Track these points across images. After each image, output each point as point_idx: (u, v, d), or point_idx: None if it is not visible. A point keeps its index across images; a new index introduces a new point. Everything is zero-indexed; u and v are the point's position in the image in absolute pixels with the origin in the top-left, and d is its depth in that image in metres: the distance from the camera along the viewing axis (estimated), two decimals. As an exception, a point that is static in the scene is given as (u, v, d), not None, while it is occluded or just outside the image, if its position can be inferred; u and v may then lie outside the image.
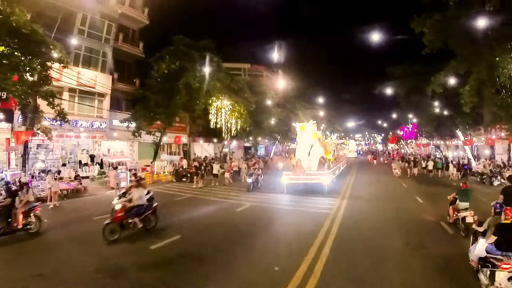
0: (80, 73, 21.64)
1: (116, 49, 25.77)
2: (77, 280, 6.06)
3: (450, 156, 34.45)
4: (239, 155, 41.44)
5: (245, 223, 10.44)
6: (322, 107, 49.82)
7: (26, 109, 15.69)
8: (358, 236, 8.72)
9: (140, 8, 27.81)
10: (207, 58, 23.63)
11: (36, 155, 20.76)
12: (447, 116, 27.83)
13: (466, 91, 16.81)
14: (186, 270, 6.54)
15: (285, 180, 16.40)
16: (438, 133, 36.12)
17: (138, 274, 6.40)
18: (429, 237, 8.43)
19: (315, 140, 18.37)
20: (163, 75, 23.02)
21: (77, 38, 22.23)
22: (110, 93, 24.68)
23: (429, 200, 13.89)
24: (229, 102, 26.96)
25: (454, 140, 35.45)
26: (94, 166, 23.59)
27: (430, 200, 13.88)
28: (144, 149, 26.94)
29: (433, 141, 42.02)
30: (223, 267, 6.55)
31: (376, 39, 17.08)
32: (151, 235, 8.93)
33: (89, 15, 22.90)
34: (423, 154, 42.95)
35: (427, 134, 40.31)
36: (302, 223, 10.27)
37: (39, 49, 14.23)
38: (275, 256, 7.21)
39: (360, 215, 11.33)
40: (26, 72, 14.09)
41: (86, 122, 23.13)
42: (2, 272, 6.41)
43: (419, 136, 47.50)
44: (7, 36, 12.81)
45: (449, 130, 31.38)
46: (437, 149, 41.77)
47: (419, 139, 50.34)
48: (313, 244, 7.84)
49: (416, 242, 7.97)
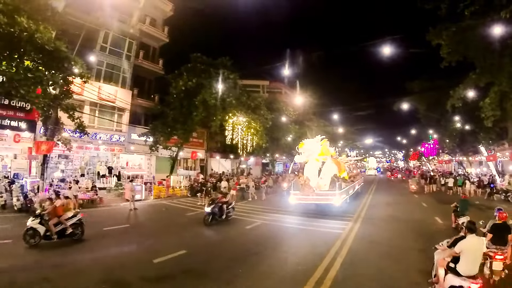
0: (101, 88, 22.53)
1: (137, 66, 26.75)
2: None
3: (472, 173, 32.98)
4: (256, 171, 41.41)
5: (253, 241, 10.17)
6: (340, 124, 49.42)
7: (48, 121, 16.36)
8: (368, 261, 8.00)
9: (160, 26, 28.88)
10: (223, 75, 24.10)
11: (57, 164, 21.57)
12: (469, 131, 26.88)
13: (486, 104, 16.19)
14: (186, 285, 6.44)
15: (292, 200, 15.32)
16: (460, 149, 34.90)
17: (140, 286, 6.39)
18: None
19: (327, 157, 17.04)
20: (180, 91, 23.62)
21: (99, 54, 23.36)
22: (129, 108, 25.47)
23: (449, 219, 13.13)
24: (245, 119, 27.13)
25: (477, 156, 34.03)
26: (112, 178, 24.13)
27: (449, 220, 13.11)
28: (161, 163, 27.36)
29: (456, 157, 40.49)
30: (226, 285, 6.38)
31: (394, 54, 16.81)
32: (156, 249, 8.94)
33: (111, 33, 23.98)
34: (445, 171, 41.37)
35: (449, 150, 38.97)
36: (310, 245, 9.72)
37: (62, 64, 14.92)
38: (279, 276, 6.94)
39: (373, 238, 10.49)
40: (49, 86, 14.81)
41: (105, 135, 23.84)
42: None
43: (441, 152, 45.95)
44: (33, 52, 13.56)
45: (472, 145, 30.26)
46: (460, 165, 40.13)
47: (441, 156, 48.65)
48: (319, 265, 7.48)
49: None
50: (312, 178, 15.87)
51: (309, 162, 16.62)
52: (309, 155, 16.42)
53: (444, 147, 39.78)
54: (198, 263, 7.83)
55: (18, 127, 17.91)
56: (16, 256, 8.05)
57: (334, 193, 14.82)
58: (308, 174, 16.22)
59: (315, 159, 16.35)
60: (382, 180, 45.53)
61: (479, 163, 36.41)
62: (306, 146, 16.61)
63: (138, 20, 26.25)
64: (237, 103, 25.62)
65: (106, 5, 21.46)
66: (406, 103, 31.84)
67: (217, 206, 12.75)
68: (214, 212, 12.48)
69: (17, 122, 17.83)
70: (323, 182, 15.94)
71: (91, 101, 22.44)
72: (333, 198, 14.60)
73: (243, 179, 25.71)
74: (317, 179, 16.01)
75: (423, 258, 7.74)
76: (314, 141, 17.02)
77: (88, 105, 22.85)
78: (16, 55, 13.42)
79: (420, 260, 7.68)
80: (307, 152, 16.40)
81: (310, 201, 15.27)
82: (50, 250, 8.73)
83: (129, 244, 9.71)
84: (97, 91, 21.56)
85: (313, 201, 15.33)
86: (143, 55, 27.39)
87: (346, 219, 13.55)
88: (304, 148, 16.59)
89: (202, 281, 6.61)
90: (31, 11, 13.33)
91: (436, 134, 39.01)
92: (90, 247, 9.12)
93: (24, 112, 17.89)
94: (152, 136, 24.00)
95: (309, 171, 16.38)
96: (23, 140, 18.31)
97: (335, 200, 14.51)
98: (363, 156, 70.75)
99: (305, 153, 16.48)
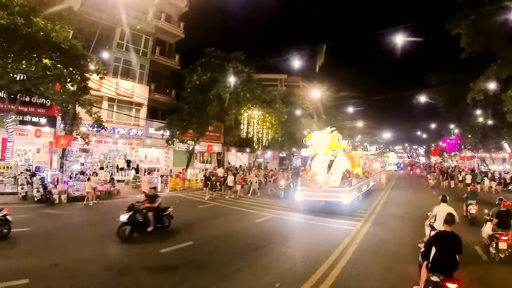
0: (118, 84, 23.17)
1: (153, 62, 27.31)
2: (87, 274, 6.55)
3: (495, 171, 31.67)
4: (274, 165, 41.42)
5: (259, 235, 10.16)
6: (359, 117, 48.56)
7: (66, 116, 17.06)
8: (375, 261, 7.68)
9: (176, 22, 29.25)
10: (237, 69, 24.21)
11: (77, 158, 22.48)
12: (491, 126, 25.81)
13: (509, 97, 15.50)
14: (186, 277, 6.60)
15: (299, 197, 14.43)
16: (483, 145, 33.57)
17: (141, 275, 6.64)
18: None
19: (338, 151, 16.06)
20: (195, 86, 23.95)
21: (117, 51, 24.02)
22: (147, 103, 26.09)
23: (466, 219, 12.35)
24: (260, 113, 27.16)
25: (500, 152, 32.66)
26: (130, 171, 24.89)
27: (467, 219, 12.31)
28: (178, 156, 27.93)
29: (478, 153, 38.98)
30: (225, 278, 6.48)
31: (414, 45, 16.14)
32: (166, 238, 9.26)
33: (127, 30, 24.56)
34: (467, 168, 39.93)
35: (471, 146, 37.57)
36: (317, 241, 9.55)
37: (79, 62, 15.49)
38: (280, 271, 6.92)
39: (383, 236, 10.08)
40: (67, 83, 15.43)
41: (123, 130, 24.57)
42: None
43: (463, 148, 44.34)
44: (50, 50, 14.15)
45: (495, 141, 29.07)
46: (483, 162, 38.62)
47: (463, 152, 46.95)
48: (324, 262, 7.37)
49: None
50: (319, 174, 14.82)
51: (317, 156, 15.34)
52: (316, 148, 15.10)
53: (466, 143, 38.43)
54: (202, 255, 7.97)
55: (39, 122, 18.88)
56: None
57: (344, 189, 13.81)
58: (316, 168, 15.03)
59: (323, 152, 15.16)
60: (401, 176, 44.52)
61: (502, 160, 34.97)
62: (314, 138, 15.32)
63: (154, 16, 26.72)
64: (251, 97, 25.66)
65: (122, 3, 21.93)
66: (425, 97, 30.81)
67: (140, 214, 9.55)
68: (134, 222, 9.29)
69: (38, 118, 18.80)
70: (333, 177, 15.07)
71: (110, 96, 23.15)
72: (342, 195, 13.55)
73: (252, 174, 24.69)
74: (325, 174, 15.07)
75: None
76: (322, 133, 15.73)
77: (107, 101, 23.60)
78: (35, 54, 14.07)
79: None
80: (315, 145, 15.12)
81: (317, 197, 14.24)
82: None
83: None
84: (115, 87, 22.21)
85: (320, 198, 14.28)
86: (159, 51, 27.91)
87: (357, 216, 13.03)
88: (311, 141, 15.26)
89: (203, 272, 6.78)
90: (47, 12, 13.90)
91: (457, 129, 37.60)
92: (101, 237, 9.50)
93: (45, 108, 18.75)
94: (168, 130, 24.54)
95: (317, 166, 15.17)
96: (44, 135, 19.22)
97: (344, 197, 13.45)
98: (379, 151, 68.69)
99: (312, 146, 15.19)
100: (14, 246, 8.24)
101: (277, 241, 9.49)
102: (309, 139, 15.42)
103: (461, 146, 43.81)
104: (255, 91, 26.17)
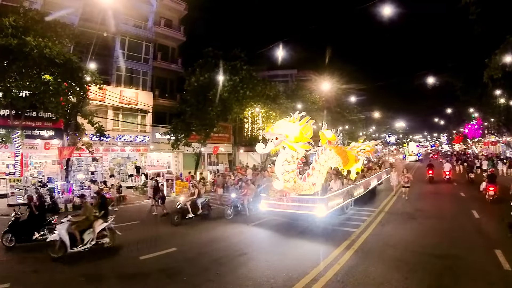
0: (122, 93, 23.68)
1: (156, 67, 27.69)
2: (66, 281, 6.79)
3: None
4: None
5: (247, 242, 9.69)
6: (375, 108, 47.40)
7: (69, 127, 17.63)
8: (373, 270, 6.89)
9: (177, 26, 29.49)
10: (236, 67, 24.03)
11: (88, 167, 23.21)
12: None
13: None
14: (153, 286, 6.56)
15: (263, 207, 11.90)
16: (507, 128, 31.67)
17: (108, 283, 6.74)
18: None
19: (322, 145, 13.16)
20: (194, 88, 23.98)
21: (118, 60, 24.43)
22: (152, 109, 26.51)
23: (490, 213, 11.69)
24: (263, 110, 26.82)
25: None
26: (140, 177, 25.40)
27: (491, 215, 11.49)
28: (188, 159, 28.09)
29: (503, 138, 36.83)
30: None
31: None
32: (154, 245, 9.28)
33: (127, 39, 24.99)
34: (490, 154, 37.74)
35: (494, 130, 35.59)
36: (309, 248, 8.74)
37: (76, 74, 15.97)
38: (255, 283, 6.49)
39: (389, 239, 9.14)
40: (67, 95, 15.97)
41: (129, 137, 25.12)
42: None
43: (487, 133, 42.08)
44: (50, 66, 14.68)
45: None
46: (508, 147, 36.44)
47: (487, 137, 44.53)
48: (308, 273, 6.75)
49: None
50: (286, 176, 10.89)
51: (281, 152, 11.10)
52: (279, 142, 10.60)
53: (489, 127, 36.46)
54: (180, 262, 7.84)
55: (47, 135, 19.58)
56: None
57: (316, 199, 10.75)
58: (278, 170, 10.98)
59: (289, 147, 10.81)
60: (422, 166, 41.83)
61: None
62: (278, 130, 10.80)
63: (153, 23, 27.04)
64: (253, 94, 25.31)
65: (120, 12, 22.33)
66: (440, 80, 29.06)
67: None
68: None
69: (46, 131, 19.52)
70: (311, 180, 11.80)
71: (114, 105, 23.70)
72: (314, 206, 10.51)
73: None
74: (293, 177, 11.00)
75: (441, 268, 6.86)
76: (287, 121, 11.14)
77: (112, 110, 24.17)
78: (35, 71, 14.64)
79: (437, 272, 6.66)
80: (280, 138, 10.56)
81: (283, 208, 11.23)
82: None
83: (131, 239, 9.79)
84: (118, 96, 22.69)
85: (286, 210, 11.22)
86: (161, 56, 28.24)
87: (337, 237, 9.62)
88: (273, 133, 10.66)
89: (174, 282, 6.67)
90: (41, 30, 14.41)
91: (477, 112, 35.69)
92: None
93: (51, 122, 19.46)
94: (173, 134, 24.76)
95: (280, 166, 10.98)
96: (52, 147, 19.96)
97: (317, 209, 10.41)
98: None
99: (277, 139, 10.57)
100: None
101: (264, 247, 9.22)
102: (271, 130, 10.87)
103: (484, 131, 41.61)
104: (256, 87, 25.76)
